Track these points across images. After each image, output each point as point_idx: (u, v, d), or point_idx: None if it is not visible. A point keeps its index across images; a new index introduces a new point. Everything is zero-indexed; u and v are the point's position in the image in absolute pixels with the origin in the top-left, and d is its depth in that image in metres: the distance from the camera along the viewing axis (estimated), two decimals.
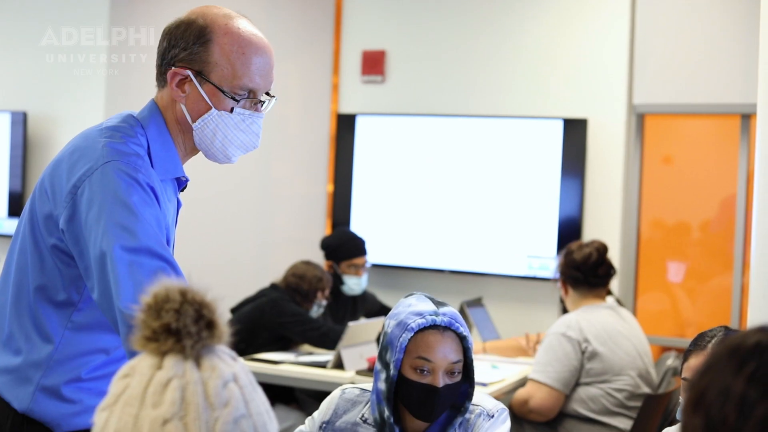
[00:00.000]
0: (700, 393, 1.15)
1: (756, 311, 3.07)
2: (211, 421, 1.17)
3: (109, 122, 2.24)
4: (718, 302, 6.08)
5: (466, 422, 2.52)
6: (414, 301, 2.50)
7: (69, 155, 2.17)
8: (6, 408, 2.18)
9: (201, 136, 2.27)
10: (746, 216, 5.93)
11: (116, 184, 2.07)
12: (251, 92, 2.27)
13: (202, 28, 2.23)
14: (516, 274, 6.32)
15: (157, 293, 1.20)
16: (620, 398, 4.24)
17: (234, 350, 1.27)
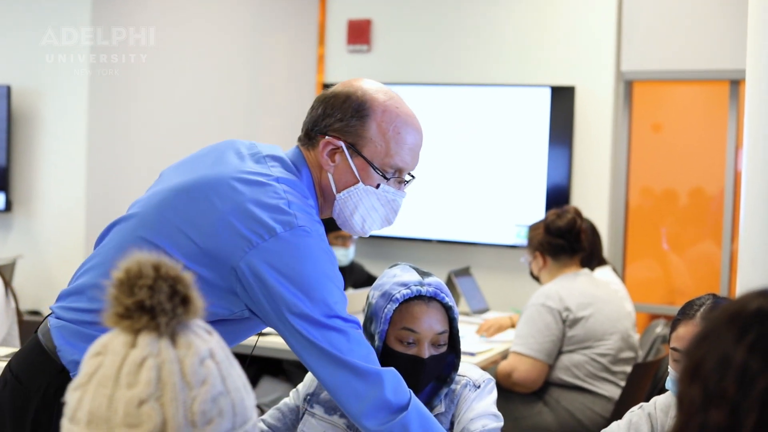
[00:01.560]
0: (698, 362, 1.10)
1: (745, 279, 3.03)
2: (188, 400, 1.13)
3: (274, 167, 2.19)
4: (707, 270, 6.07)
5: (452, 393, 2.49)
6: (399, 271, 2.46)
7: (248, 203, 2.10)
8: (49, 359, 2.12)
9: (342, 207, 2.27)
10: (735, 183, 5.91)
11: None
12: (398, 171, 2.27)
13: (362, 103, 2.23)
14: (504, 243, 6.30)
15: (129, 268, 1.15)
16: (604, 363, 4.22)
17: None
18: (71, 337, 2.10)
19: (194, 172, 2.20)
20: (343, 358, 2.05)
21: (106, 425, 1.12)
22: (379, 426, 2.06)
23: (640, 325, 5.01)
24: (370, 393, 2.05)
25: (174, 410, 1.12)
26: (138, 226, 2.17)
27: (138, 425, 1.11)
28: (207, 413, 1.14)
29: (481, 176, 6.40)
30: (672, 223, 6.28)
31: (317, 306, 2.04)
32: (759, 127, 2.99)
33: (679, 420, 1.10)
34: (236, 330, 2.22)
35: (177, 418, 1.12)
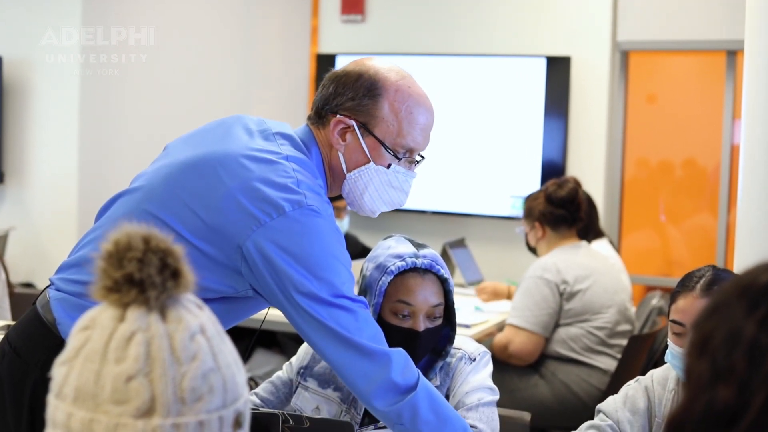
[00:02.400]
0: (706, 336, 1.07)
1: (743, 249, 3.02)
2: (178, 377, 1.10)
3: (284, 145, 2.16)
4: (703, 241, 6.05)
5: (447, 366, 2.47)
6: (393, 243, 2.43)
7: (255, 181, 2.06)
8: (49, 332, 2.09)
9: (352, 186, 2.24)
10: (731, 154, 5.88)
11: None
12: (409, 151, 2.25)
13: (374, 82, 2.21)
14: (499, 214, 6.28)
15: (118, 240, 1.12)
16: (601, 336, 4.20)
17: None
18: (71, 310, 2.07)
19: (202, 146, 2.17)
20: (351, 338, 2.02)
21: (93, 401, 1.09)
22: (388, 407, 2.03)
23: (636, 297, 4.99)
24: (378, 373, 2.02)
25: (163, 386, 1.09)
26: (144, 199, 2.14)
27: (126, 401, 1.08)
28: (197, 390, 1.11)
29: (476, 147, 6.37)
30: (668, 194, 6.26)
31: (324, 285, 2.01)
32: (757, 98, 2.98)
33: (685, 396, 1.07)
34: (239, 308, 2.20)
35: (166, 395, 1.09)
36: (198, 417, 1.10)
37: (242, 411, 1.17)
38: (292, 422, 2.08)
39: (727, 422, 1.02)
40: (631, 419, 2.46)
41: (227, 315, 2.11)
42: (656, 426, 2.44)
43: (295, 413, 2.33)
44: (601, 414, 2.53)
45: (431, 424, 2.05)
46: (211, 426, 1.11)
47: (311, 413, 2.45)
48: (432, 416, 2.05)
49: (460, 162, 6.40)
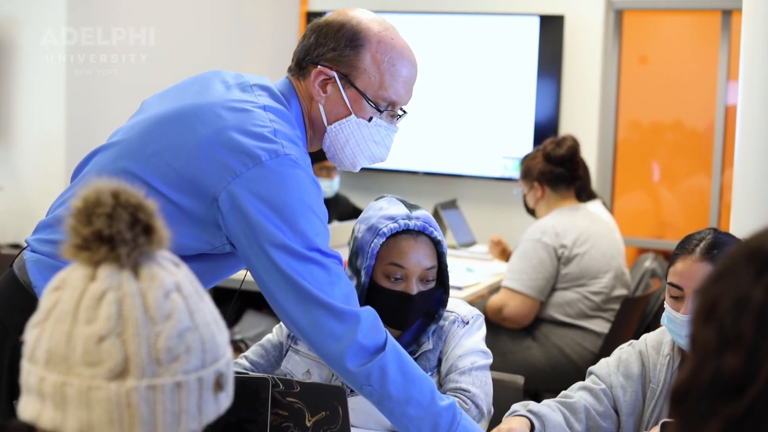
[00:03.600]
0: (713, 302, 1.02)
1: (739, 211, 3.00)
2: (152, 336, 1.06)
3: (261, 96, 2.11)
4: (696, 203, 6.02)
5: (440, 329, 2.44)
6: (385, 204, 2.39)
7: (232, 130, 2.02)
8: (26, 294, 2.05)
9: (333, 140, 2.20)
10: (726, 115, 5.83)
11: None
12: (391, 104, 2.20)
13: (356, 33, 2.16)
14: (491, 175, 6.24)
15: (87, 197, 1.08)
16: (597, 301, 4.17)
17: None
18: (46, 272, 2.03)
19: (179, 101, 2.12)
20: (320, 297, 1.97)
21: (65, 364, 1.05)
22: (358, 368, 1.99)
23: (629, 259, 4.96)
24: (347, 334, 1.98)
25: (136, 347, 1.05)
26: (119, 155, 2.09)
27: (98, 363, 1.04)
28: (173, 350, 1.07)
29: (468, 107, 6.32)
30: (661, 156, 6.22)
31: (299, 237, 1.96)
32: (754, 59, 2.96)
33: (691, 363, 1.03)
34: (217, 267, 2.15)
35: (140, 355, 1.05)
36: (175, 378, 1.07)
37: (224, 372, 1.13)
38: (282, 387, 2.05)
39: (734, 390, 0.98)
40: (624, 384, 2.43)
41: (205, 274, 2.07)
42: (650, 392, 2.41)
43: (285, 377, 2.30)
44: (593, 376, 2.49)
45: (399, 385, 2.00)
46: (189, 387, 1.08)
47: (302, 377, 2.42)
48: (400, 377, 2.01)
49: (452, 122, 6.35)
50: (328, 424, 2.04)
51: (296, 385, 2.05)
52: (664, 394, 2.38)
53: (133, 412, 1.04)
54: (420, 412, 2.02)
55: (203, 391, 1.09)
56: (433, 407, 2.02)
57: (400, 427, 2.06)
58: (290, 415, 2.06)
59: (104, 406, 1.04)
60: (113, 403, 1.04)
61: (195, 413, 1.09)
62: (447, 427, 2.02)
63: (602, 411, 2.41)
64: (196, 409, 1.09)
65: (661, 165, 6.23)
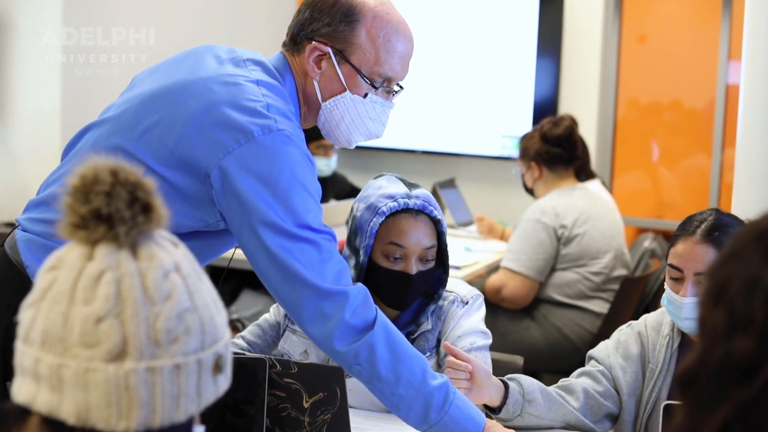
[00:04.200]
0: (722, 284, 1.00)
1: (741, 191, 3.00)
2: (151, 317, 1.03)
3: (255, 70, 2.08)
4: (696, 183, 5.99)
5: (439, 310, 2.42)
6: (384, 182, 2.36)
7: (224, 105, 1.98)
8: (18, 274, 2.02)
9: (327, 116, 2.17)
10: (726, 94, 5.80)
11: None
12: (387, 80, 2.17)
13: (351, 8, 2.12)
14: (490, 154, 6.21)
15: (84, 174, 1.05)
16: (597, 282, 4.14)
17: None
18: (39, 251, 2.00)
19: (171, 76, 2.10)
20: (308, 278, 1.94)
21: (61, 345, 1.03)
22: (346, 347, 1.97)
23: (628, 238, 4.93)
24: (336, 313, 1.95)
25: (135, 328, 1.02)
26: (111, 132, 2.06)
27: (96, 344, 1.02)
28: (172, 331, 1.04)
29: (467, 85, 6.28)
30: (661, 135, 6.18)
31: (289, 215, 1.94)
32: (758, 38, 2.96)
33: (700, 347, 1.01)
34: (211, 244, 2.13)
35: (138, 337, 1.02)
36: (174, 360, 1.04)
37: (222, 354, 1.10)
38: (280, 367, 2.02)
39: (744, 374, 0.96)
40: (623, 365, 2.42)
41: (199, 252, 2.03)
42: (649, 372, 2.40)
43: (282, 358, 2.27)
44: (593, 360, 2.48)
45: (388, 364, 1.98)
46: (188, 370, 1.06)
47: (299, 357, 2.40)
48: (389, 355, 1.98)
49: (451, 101, 6.31)
50: (325, 405, 2.01)
51: (293, 365, 2.03)
52: (663, 375, 2.37)
53: (132, 394, 1.02)
54: (410, 392, 1.99)
55: (202, 373, 1.07)
56: (424, 387, 1.99)
57: (391, 407, 2.04)
58: (287, 396, 2.04)
59: (102, 388, 1.02)
60: (111, 385, 1.02)
61: (194, 396, 1.07)
62: (439, 408, 2.00)
63: (602, 391, 2.40)
64: (194, 392, 1.07)
65: (660, 144, 6.19)
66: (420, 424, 2.02)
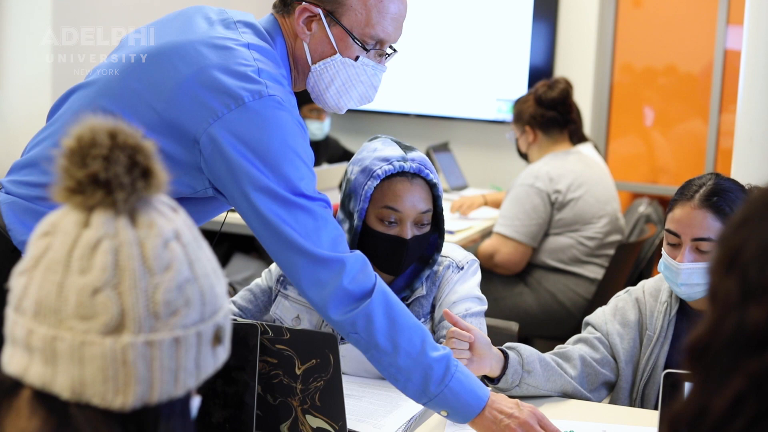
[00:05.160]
0: (735, 251, 0.95)
1: (741, 155, 2.99)
2: (150, 288, 0.99)
3: (246, 33, 2.03)
4: (691, 148, 5.95)
5: (434, 275, 2.38)
6: (379, 145, 2.31)
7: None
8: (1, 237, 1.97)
9: (317, 79, 2.11)
10: (724, 59, 5.74)
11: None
12: (379, 43, 2.11)
13: None
14: (484, 118, 6.17)
15: (81, 136, 1.00)
16: (591, 247, 4.11)
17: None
18: (22, 215, 1.95)
19: (159, 38, 2.04)
20: (304, 245, 1.90)
21: (56, 317, 0.98)
22: (342, 315, 1.92)
23: (623, 204, 4.90)
24: (332, 281, 1.91)
25: (133, 300, 0.98)
26: (98, 94, 2.01)
27: (92, 317, 0.98)
28: (171, 303, 1.00)
29: (462, 48, 6.23)
30: (657, 100, 6.14)
31: (282, 181, 1.89)
32: (761, 2, 2.95)
33: (711, 316, 0.96)
34: (199, 210, 2.08)
35: (137, 309, 0.98)
36: (173, 333, 1.00)
37: (222, 325, 1.07)
38: (272, 333, 1.99)
39: (758, 345, 0.92)
40: (621, 332, 2.39)
41: None
42: (646, 339, 2.37)
43: (274, 324, 2.24)
44: (590, 327, 2.46)
45: (386, 333, 1.93)
46: (188, 343, 1.02)
47: (291, 323, 2.36)
48: (387, 325, 1.93)
49: (445, 63, 6.26)
50: (318, 372, 1.98)
51: (286, 332, 1.99)
52: (660, 342, 2.34)
53: (129, 369, 0.99)
54: (409, 363, 1.94)
55: (202, 345, 1.04)
56: (423, 358, 1.94)
57: (389, 377, 1.99)
58: (279, 363, 2.00)
59: (98, 362, 0.98)
60: (108, 359, 0.98)
61: (193, 369, 1.03)
62: (439, 381, 1.94)
63: (599, 358, 2.37)
64: (193, 365, 1.03)
65: (656, 109, 6.15)
66: (419, 397, 1.97)
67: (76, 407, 0.99)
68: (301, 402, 2.01)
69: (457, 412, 1.97)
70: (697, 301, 2.31)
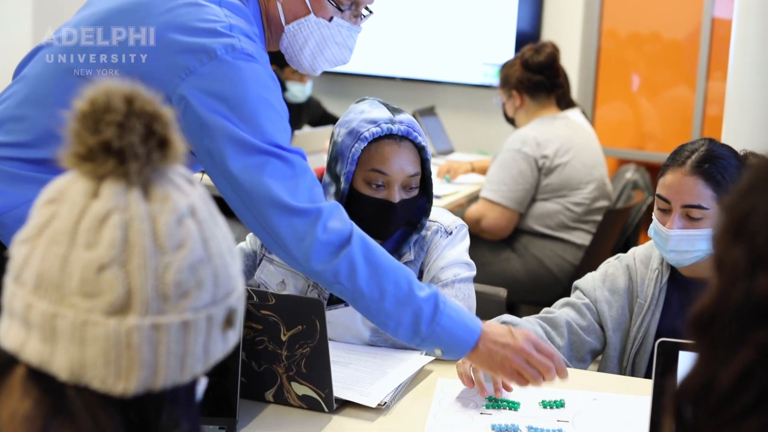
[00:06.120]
0: (742, 218, 0.92)
1: (731, 121, 2.97)
2: (160, 268, 0.92)
3: None
4: (678, 114, 5.92)
5: (422, 240, 2.35)
6: (367, 107, 2.27)
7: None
8: None
9: (291, 41, 2.07)
10: (712, 27, 5.71)
11: None
12: (354, 4, 2.08)
13: None
14: (471, 82, 6.14)
15: (95, 99, 0.93)
16: (578, 212, 4.08)
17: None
18: None
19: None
20: (281, 195, 1.85)
21: (58, 292, 0.92)
22: (325, 265, 1.88)
23: (610, 170, 4.87)
24: (310, 232, 1.86)
25: (142, 279, 0.92)
26: (65, 51, 1.96)
27: (96, 295, 0.91)
28: (183, 284, 0.94)
29: (448, 12, 6.19)
30: (644, 66, 6.10)
31: (258, 132, 1.85)
32: None
33: (717, 286, 0.93)
34: None
35: (145, 290, 0.92)
36: (182, 316, 0.94)
37: (235, 308, 1.00)
38: (257, 299, 1.95)
39: (767, 315, 0.89)
40: (609, 299, 2.36)
41: None
42: (637, 307, 2.34)
43: (259, 289, 2.20)
44: (578, 291, 2.42)
45: (370, 279, 1.89)
46: (197, 327, 0.95)
47: (276, 288, 2.33)
48: (369, 270, 1.90)
49: (432, 26, 6.23)
50: (304, 338, 1.94)
51: (271, 297, 1.95)
52: (651, 310, 2.32)
53: (133, 353, 0.92)
54: (397, 306, 1.91)
55: (212, 330, 0.97)
56: (410, 300, 1.91)
57: (379, 324, 1.96)
58: (264, 329, 1.97)
59: (100, 344, 0.92)
60: (111, 341, 0.92)
61: (201, 355, 0.97)
62: (429, 319, 1.91)
63: (585, 325, 2.35)
64: (202, 350, 0.97)
65: (643, 75, 6.11)
66: (411, 339, 1.94)
67: (73, 390, 0.93)
68: (286, 369, 1.98)
69: (451, 348, 1.95)
70: (689, 268, 2.28)
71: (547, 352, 1.96)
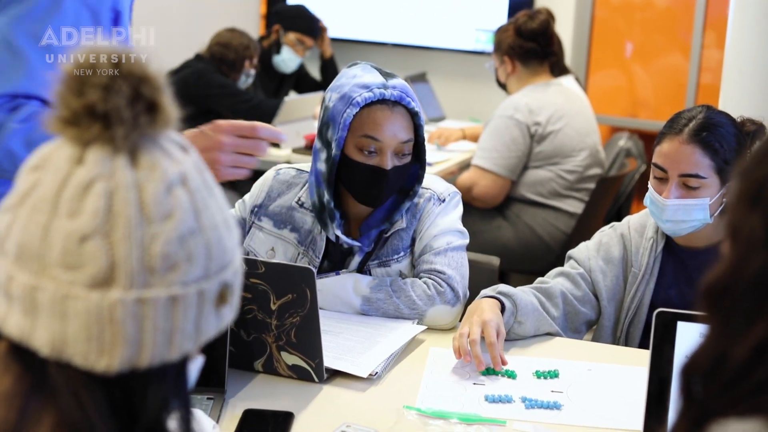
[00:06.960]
0: (759, 185, 0.88)
1: (730, 88, 2.94)
2: (146, 239, 0.88)
3: None
4: (672, 82, 5.88)
5: (414, 207, 2.31)
6: (359, 71, 2.22)
7: None
8: None
9: None
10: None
11: None
12: None
13: None
14: (462, 48, 6.10)
15: (80, 60, 0.89)
16: (571, 180, 4.04)
17: None
18: None
19: None
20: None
21: (39, 263, 0.88)
22: None
23: (603, 137, 4.83)
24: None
25: (126, 251, 0.87)
26: None
27: (78, 266, 0.87)
28: (170, 257, 0.89)
29: None
30: (638, 34, 6.05)
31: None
32: None
33: (732, 256, 0.89)
34: None
35: (129, 262, 0.88)
36: (170, 290, 0.90)
37: (230, 283, 0.96)
38: (246, 267, 1.90)
39: None
40: (604, 268, 2.33)
41: None
42: (632, 276, 2.31)
43: (248, 257, 2.16)
44: (572, 261, 2.39)
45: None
46: (187, 302, 0.91)
47: (265, 255, 2.29)
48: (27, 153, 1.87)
49: None
50: (294, 307, 1.90)
51: (260, 265, 1.91)
52: (646, 279, 2.29)
53: (117, 328, 0.88)
54: None
55: (204, 305, 0.93)
56: None
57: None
58: (254, 298, 1.93)
59: (82, 318, 0.88)
60: (93, 316, 0.88)
61: (191, 331, 0.93)
62: None
63: (580, 296, 2.32)
64: (192, 327, 0.92)
65: (636, 43, 6.07)
66: None
67: (55, 366, 0.89)
68: (276, 338, 1.95)
69: None
70: (684, 237, 2.25)
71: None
